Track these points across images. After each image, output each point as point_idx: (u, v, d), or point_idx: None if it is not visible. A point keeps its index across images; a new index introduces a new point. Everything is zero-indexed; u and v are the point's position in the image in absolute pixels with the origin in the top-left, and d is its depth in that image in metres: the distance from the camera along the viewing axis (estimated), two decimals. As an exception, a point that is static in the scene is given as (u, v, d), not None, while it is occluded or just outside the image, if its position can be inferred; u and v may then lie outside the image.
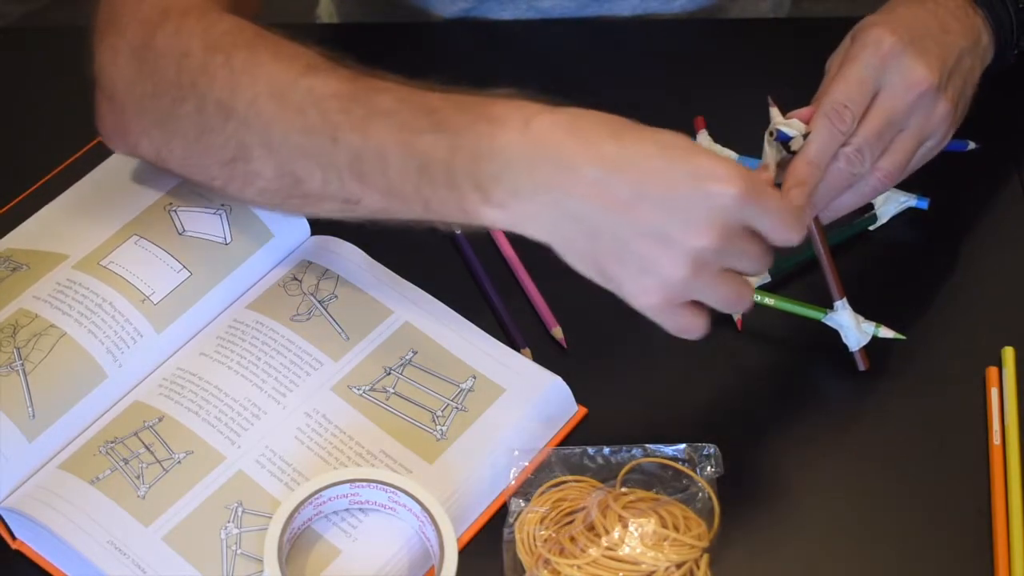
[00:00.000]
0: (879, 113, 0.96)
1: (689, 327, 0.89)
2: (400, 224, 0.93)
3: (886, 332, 1.00)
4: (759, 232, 0.87)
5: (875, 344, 1.00)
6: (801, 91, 0.99)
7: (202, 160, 0.97)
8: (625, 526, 0.89)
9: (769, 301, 1.02)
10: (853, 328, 0.98)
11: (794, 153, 0.95)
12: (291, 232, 1.04)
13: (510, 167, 0.86)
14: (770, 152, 0.96)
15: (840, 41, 1.01)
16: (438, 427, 0.96)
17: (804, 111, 0.97)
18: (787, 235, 0.88)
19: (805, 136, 0.95)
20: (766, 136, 0.96)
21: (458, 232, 1.07)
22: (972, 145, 1.11)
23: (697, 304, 0.89)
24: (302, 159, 0.92)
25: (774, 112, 0.97)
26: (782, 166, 0.96)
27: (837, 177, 0.96)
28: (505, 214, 0.87)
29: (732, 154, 1.11)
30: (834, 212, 1.00)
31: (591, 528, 0.90)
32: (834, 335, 1.01)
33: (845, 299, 0.98)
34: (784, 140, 0.95)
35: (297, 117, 0.92)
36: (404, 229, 0.97)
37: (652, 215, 0.84)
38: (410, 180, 0.89)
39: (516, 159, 0.86)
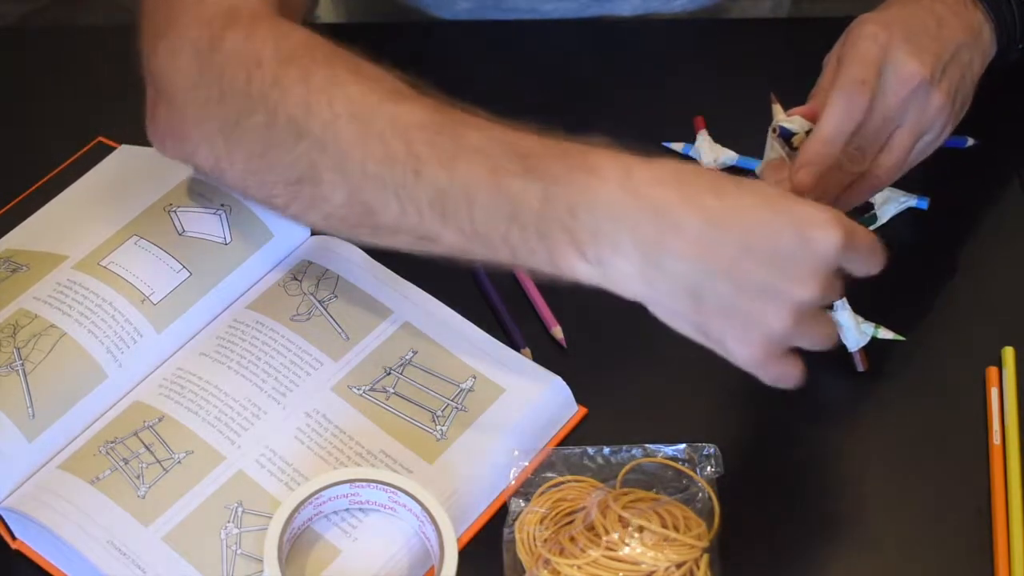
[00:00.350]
0: (875, 110, 0.96)
1: (787, 376, 0.86)
2: (481, 263, 0.90)
3: (885, 333, 1.00)
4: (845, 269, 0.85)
5: (875, 345, 1.00)
6: (801, 91, 0.99)
7: (266, 176, 0.92)
8: (625, 526, 0.89)
9: None
10: (852, 329, 0.98)
11: (796, 149, 0.95)
12: (291, 232, 1.04)
13: (609, 222, 0.82)
14: (776, 148, 0.96)
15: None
16: (438, 427, 0.96)
17: (805, 108, 0.97)
18: (872, 270, 0.87)
19: (807, 132, 0.95)
20: (769, 133, 0.96)
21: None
22: (971, 141, 1.11)
23: (794, 350, 0.86)
24: (379, 190, 0.88)
25: (776, 108, 0.98)
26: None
27: (838, 176, 0.97)
28: (601, 271, 0.84)
29: (732, 154, 1.11)
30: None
31: (591, 528, 0.90)
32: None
33: (844, 299, 0.98)
34: (786, 136, 0.95)
35: (378, 144, 0.87)
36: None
37: (758, 270, 0.81)
38: (498, 225, 0.85)
39: (616, 213, 0.82)
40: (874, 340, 1.00)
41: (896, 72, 0.96)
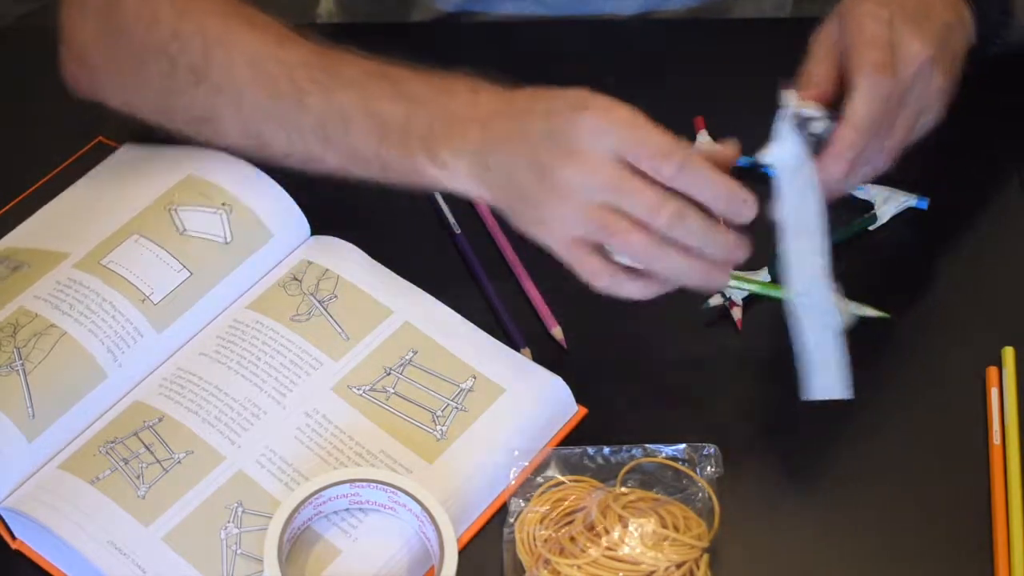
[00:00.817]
0: (897, 81, 0.94)
1: (593, 273, 0.91)
2: (358, 181, 0.99)
3: (868, 311, 0.99)
4: (696, 200, 0.88)
5: (875, 344, 1.00)
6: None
7: (171, 116, 1.04)
8: (625, 526, 0.89)
9: (733, 283, 1.01)
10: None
11: (816, 136, 0.93)
12: (291, 232, 1.04)
13: (452, 131, 0.93)
14: (789, 136, 0.92)
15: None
16: (438, 427, 0.96)
17: (814, 92, 0.94)
18: (652, 162, 0.88)
19: (831, 118, 0.93)
20: (787, 122, 0.92)
21: (458, 232, 1.07)
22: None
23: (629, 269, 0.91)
24: (269, 122, 1.00)
25: (789, 94, 0.94)
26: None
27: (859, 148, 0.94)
28: (445, 173, 0.94)
29: (732, 154, 1.11)
30: (833, 192, 0.96)
31: (591, 528, 0.90)
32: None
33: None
34: (804, 121, 0.92)
35: (268, 83, 0.99)
36: (403, 228, 0.98)
37: (542, 153, 0.89)
38: (370, 144, 0.96)
39: (457, 125, 0.93)
40: (875, 338, 1.00)
41: (902, 51, 0.95)
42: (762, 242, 1.03)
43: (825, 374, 0.95)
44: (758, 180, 0.95)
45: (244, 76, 0.99)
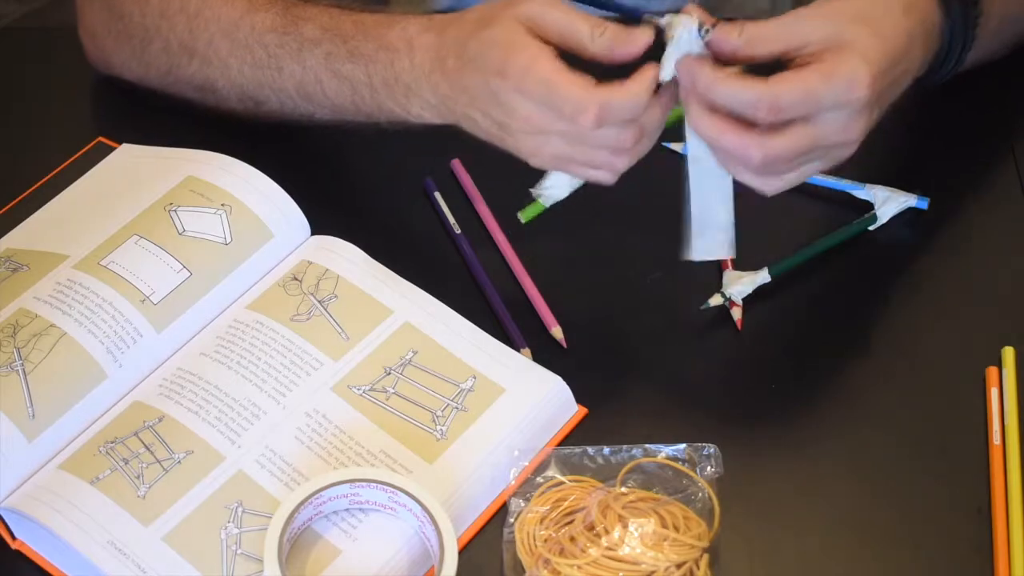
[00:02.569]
0: (800, 138, 0.91)
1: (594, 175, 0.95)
2: (357, 126, 1.05)
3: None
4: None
5: (875, 344, 1.00)
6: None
7: (177, 87, 1.11)
8: (625, 526, 0.89)
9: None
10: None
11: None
12: (291, 232, 1.04)
13: (410, 90, 0.99)
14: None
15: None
16: (438, 427, 0.96)
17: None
18: (574, 120, 0.91)
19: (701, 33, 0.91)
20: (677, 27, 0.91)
21: (458, 232, 1.07)
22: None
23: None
24: (259, 88, 1.07)
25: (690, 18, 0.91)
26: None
27: (731, 96, 0.91)
28: (429, 116, 1.00)
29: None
30: (696, 123, 0.93)
31: (591, 528, 0.90)
32: (835, 334, 1.01)
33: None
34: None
35: (247, 53, 1.05)
36: (403, 228, 0.98)
37: (484, 111, 0.95)
38: (347, 99, 1.03)
39: (411, 84, 0.99)
40: (876, 336, 1.00)
41: (847, 121, 0.91)
42: (761, 242, 1.04)
43: (710, 236, 0.96)
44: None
45: (224, 48, 1.06)
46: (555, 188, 0.98)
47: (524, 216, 1.05)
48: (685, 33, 0.91)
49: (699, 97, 0.91)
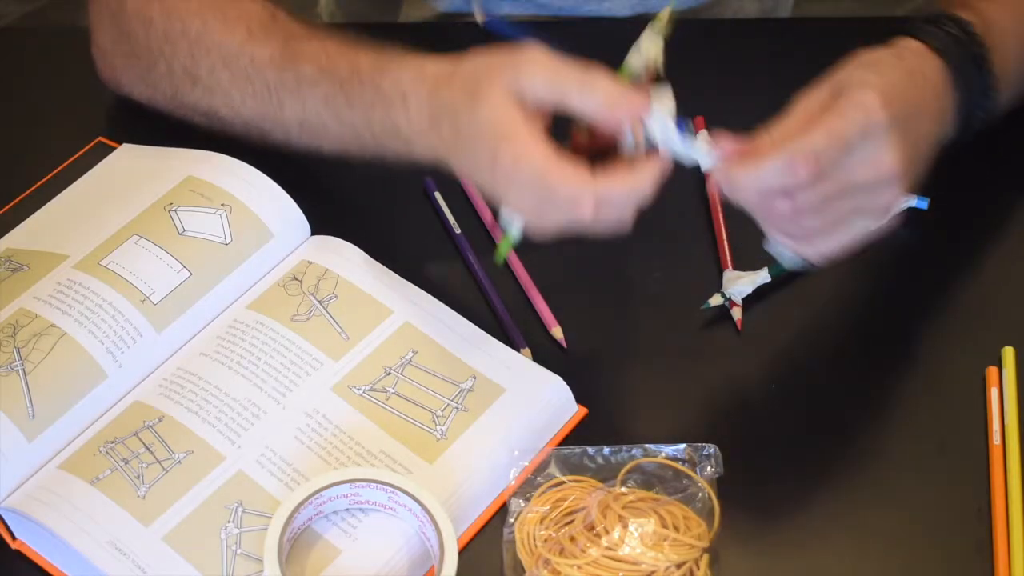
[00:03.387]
0: (835, 182, 0.90)
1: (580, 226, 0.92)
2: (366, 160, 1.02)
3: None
4: None
5: (875, 344, 1.00)
6: (800, 91, 0.99)
7: (183, 112, 1.08)
8: (625, 526, 0.89)
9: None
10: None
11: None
12: (291, 232, 1.04)
13: (409, 141, 0.97)
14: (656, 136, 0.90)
15: (840, 41, 1.01)
16: (438, 427, 0.96)
17: (733, 143, 0.91)
18: (568, 214, 0.89)
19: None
20: (656, 119, 0.90)
21: (458, 232, 1.07)
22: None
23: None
24: (262, 120, 1.04)
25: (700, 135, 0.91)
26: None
27: (765, 210, 0.91)
28: (430, 162, 0.97)
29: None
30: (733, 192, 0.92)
31: (591, 528, 0.90)
32: (835, 334, 1.01)
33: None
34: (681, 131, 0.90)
35: (247, 84, 1.03)
36: (403, 228, 0.98)
37: (482, 182, 0.93)
38: (350, 140, 1.01)
39: (409, 136, 0.97)
40: (875, 333, 1.00)
41: (874, 156, 0.90)
42: (761, 242, 1.04)
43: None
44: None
45: (225, 77, 1.04)
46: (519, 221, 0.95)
47: (499, 256, 0.99)
48: (660, 123, 0.90)
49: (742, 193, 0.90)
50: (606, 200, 0.89)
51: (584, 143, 0.93)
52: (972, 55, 0.99)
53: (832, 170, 0.89)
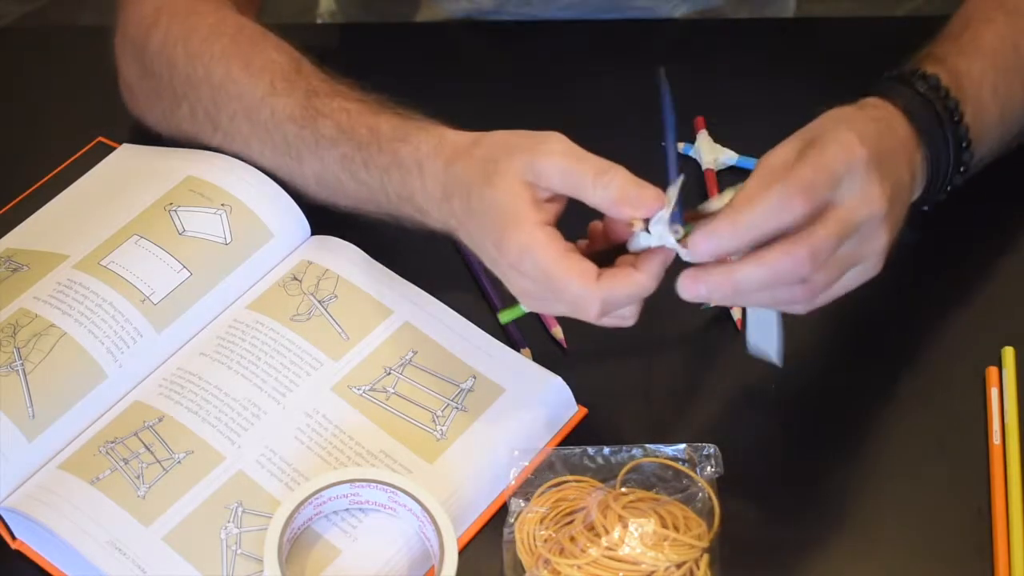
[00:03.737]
0: (836, 220, 0.87)
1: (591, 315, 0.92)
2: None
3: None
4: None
5: (875, 344, 1.00)
6: (801, 91, 0.99)
7: (204, 149, 1.06)
8: (625, 526, 0.89)
9: None
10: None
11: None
12: (291, 232, 1.04)
13: (422, 209, 0.97)
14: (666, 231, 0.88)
15: (840, 41, 1.01)
16: (438, 427, 0.96)
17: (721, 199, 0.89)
18: (574, 314, 0.90)
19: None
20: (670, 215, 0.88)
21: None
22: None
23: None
24: (280, 171, 1.04)
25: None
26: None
27: (775, 273, 0.87)
28: (444, 231, 0.97)
29: (732, 154, 1.11)
30: (737, 295, 0.90)
31: (591, 528, 0.90)
32: (835, 334, 1.01)
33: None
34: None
35: (267, 137, 1.03)
36: (403, 228, 0.98)
37: (489, 261, 0.93)
38: (366, 199, 1.00)
39: (422, 204, 0.97)
40: (875, 336, 1.00)
41: (863, 192, 0.88)
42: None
43: (762, 340, 0.95)
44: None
45: (246, 128, 1.03)
46: None
47: (504, 318, 0.98)
48: (660, 227, 0.88)
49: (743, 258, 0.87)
50: (611, 302, 0.89)
51: (599, 235, 0.92)
52: (940, 112, 0.97)
53: (828, 211, 0.87)
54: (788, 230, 0.86)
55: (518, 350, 1.00)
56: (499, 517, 0.93)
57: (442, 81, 0.94)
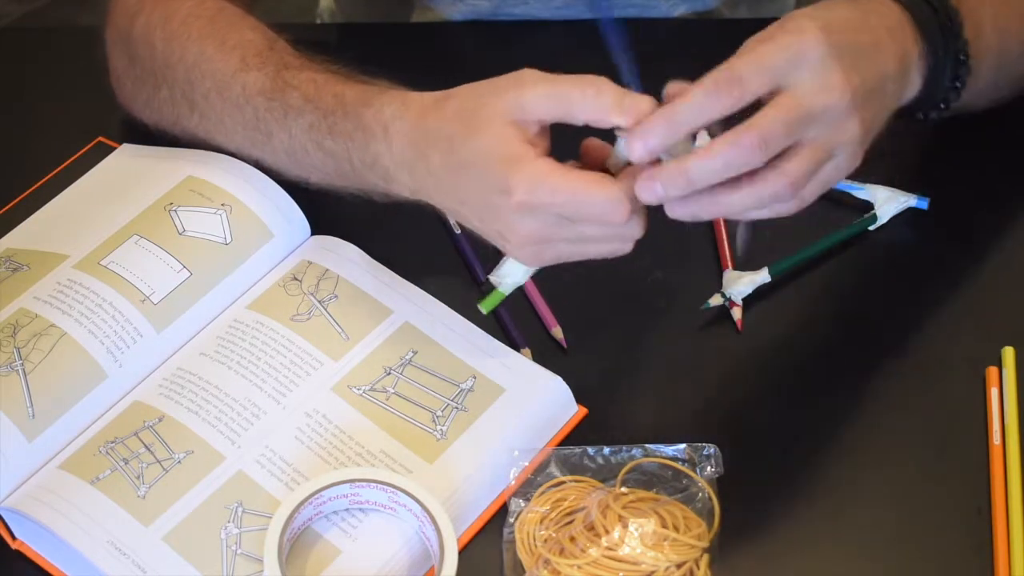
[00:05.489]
0: (785, 106, 0.87)
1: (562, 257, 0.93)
2: (352, 196, 1.02)
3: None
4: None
5: (875, 344, 1.00)
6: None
7: (186, 138, 1.07)
8: (625, 526, 0.89)
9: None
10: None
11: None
12: (291, 232, 1.04)
13: (389, 173, 0.96)
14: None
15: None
16: (438, 427, 0.96)
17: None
18: (603, 220, 0.89)
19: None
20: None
21: (458, 232, 1.07)
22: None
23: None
24: (252, 148, 1.04)
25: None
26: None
27: (725, 162, 0.86)
28: (411, 198, 0.97)
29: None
30: (727, 209, 0.89)
31: (591, 528, 0.90)
32: (835, 335, 1.01)
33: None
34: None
35: (238, 113, 1.03)
36: (403, 228, 0.98)
37: (480, 217, 0.92)
38: (332, 170, 1.00)
39: (390, 168, 0.96)
40: (874, 335, 1.00)
41: (817, 78, 0.87)
42: (761, 243, 1.04)
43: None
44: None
45: (218, 105, 1.04)
46: (513, 275, 0.95)
47: (485, 307, 0.97)
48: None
49: (701, 191, 0.88)
50: (635, 198, 0.88)
51: (595, 150, 0.92)
52: (939, 10, 0.97)
53: (780, 99, 0.87)
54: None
55: (518, 350, 1.00)
56: (499, 517, 0.93)
57: (442, 81, 0.94)
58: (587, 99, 0.89)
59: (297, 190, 1.04)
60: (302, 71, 1.01)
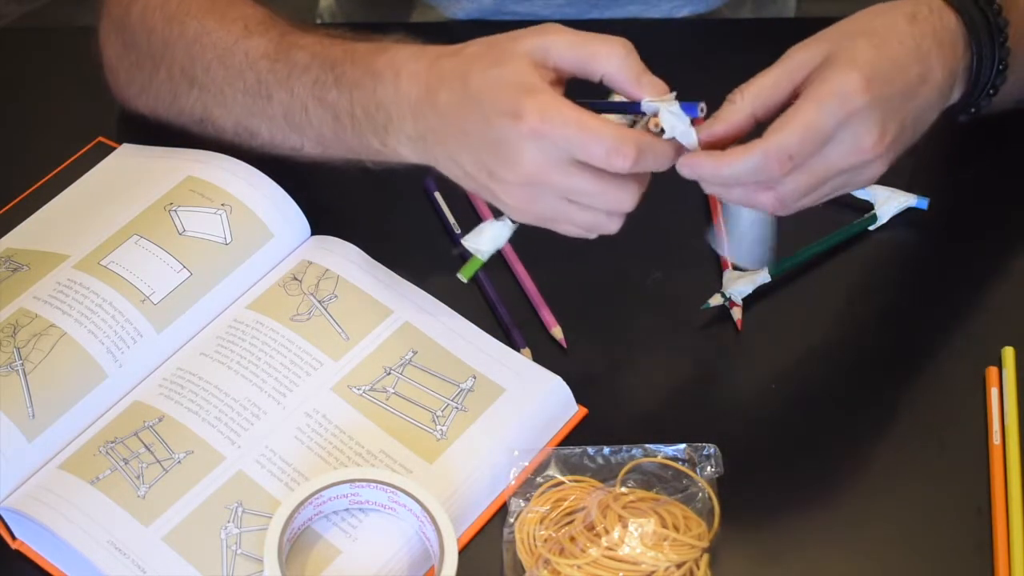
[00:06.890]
0: (813, 168, 0.90)
1: (578, 230, 0.93)
2: (344, 163, 1.02)
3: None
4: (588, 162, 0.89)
5: (875, 344, 1.00)
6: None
7: (180, 119, 1.08)
8: (625, 526, 0.89)
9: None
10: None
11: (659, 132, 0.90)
12: (291, 232, 1.04)
13: (391, 120, 0.96)
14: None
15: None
16: (438, 427, 0.96)
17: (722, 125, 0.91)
18: (606, 161, 0.88)
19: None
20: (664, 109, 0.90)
21: (458, 232, 1.07)
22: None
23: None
24: (251, 116, 1.04)
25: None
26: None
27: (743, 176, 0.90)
28: (407, 152, 0.97)
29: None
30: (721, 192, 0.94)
31: (591, 528, 0.90)
32: (835, 334, 1.01)
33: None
34: (691, 115, 0.90)
35: (239, 79, 1.03)
36: (403, 228, 0.98)
37: (477, 156, 0.91)
38: (330, 129, 1.00)
39: (393, 113, 0.95)
40: (873, 335, 1.00)
41: (855, 140, 0.90)
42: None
43: (747, 248, 0.97)
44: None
45: (219, 74, 1.04)
46: (491, 240, 0.96)
47: (465, 274, 0.99)
48: (671, 118, 0.90)
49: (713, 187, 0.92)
50: (647, 147, 0.88)
51: None
52: (992, 26, 0.97)
53: (811, 161, 0.89)
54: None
55: (518, 350, 1.00)
56: (499, 517, 0.93)
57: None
58: (614, 56, 0.90)
59: (297, 190, 1.04)
60: (307, 34, 1.03)
